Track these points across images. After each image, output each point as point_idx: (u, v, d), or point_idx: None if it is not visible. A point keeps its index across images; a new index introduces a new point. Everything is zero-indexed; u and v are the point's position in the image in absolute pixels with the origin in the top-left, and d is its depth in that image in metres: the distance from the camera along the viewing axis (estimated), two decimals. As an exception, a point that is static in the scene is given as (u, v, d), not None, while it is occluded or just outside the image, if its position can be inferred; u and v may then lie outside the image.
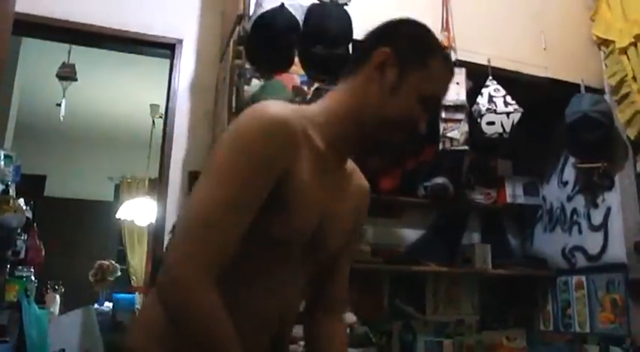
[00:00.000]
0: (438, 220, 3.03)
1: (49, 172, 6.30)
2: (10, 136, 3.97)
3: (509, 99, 2.49)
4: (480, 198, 2.97)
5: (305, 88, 2.24)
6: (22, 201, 3.29)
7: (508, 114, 2.45)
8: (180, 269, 0.89)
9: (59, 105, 4.47)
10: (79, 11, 2.78)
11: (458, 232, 3.08)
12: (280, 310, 1.09)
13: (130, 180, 7.58)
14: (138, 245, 7.49)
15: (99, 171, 7.30)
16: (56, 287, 4.97)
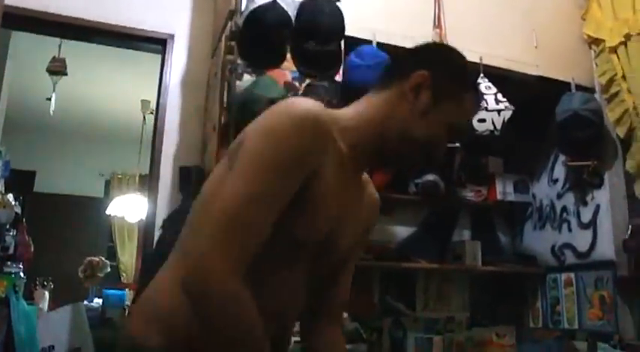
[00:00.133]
0: (428, 217, 3.04)
1: (38, 168, 6.24)
2: (-1, 131, 3.94)
3: (500, 96, 2.50)
4: (471, 195, 2.99)
5: (297, 83, 2.23)
6: (11, 197, 3.27)
7: (499, 111, 2.46)
8: (212, 264, 0.88)
9: (49, 99, 4.43)
10: (70, 5, 2.76)
11: (448, 229, 3.09)
12: (285, 311, 1.09)
13: (121, 176, 7.53)
14: (128, 241, 7.45)
15: (89, 167, 7.25)
16: (45, 284, 4.92)
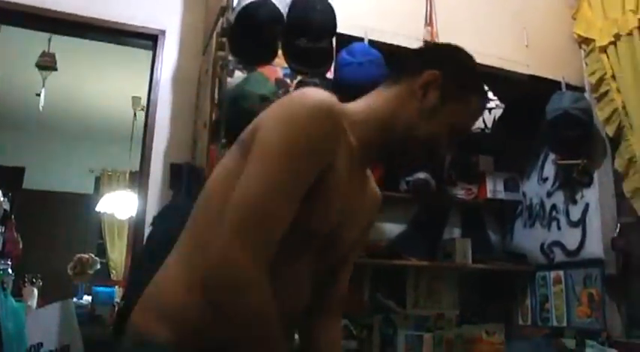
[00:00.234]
0: (419, 215, 3.05)
1: (27, 164, 6.18)
2: (-12, 127, 3.90)
3: (490, 95, 2.50)
4: (461, 193, 2.99)
5: (288, 80, 2.23)
6: (-1, 193, 3.24)
7: (490, 109, 2.47)
8: (236, 255, 0.88)
9: (39, 95, 4.40)
10: (60, 0, 2.73)
11: (439, 227, 3.09)
12: (295, 303, 1.08)
13: (111, 172, 7.50)
14: (118, 238, 7.42)
15: (79, 164, 7.20)
16: (34, 281, 4.89)
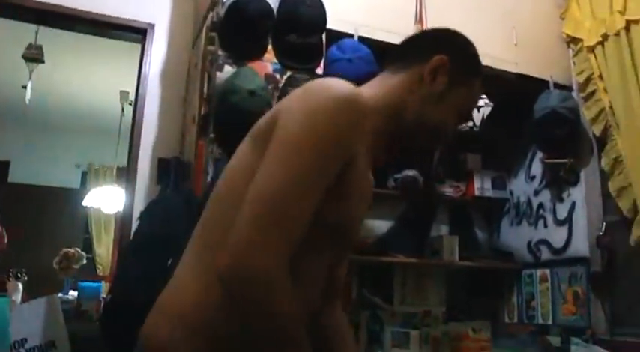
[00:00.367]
0: (407, 212, 3.05)
1: (13, 158, 6.14)
2: (-28, 119, 3.86)
3: (480, 93, 2.51)
4: (449, 191, 3.00)
5: (277, 75, 2.22)
6: (-16, 187, 3.20)
7: (478, 108, 2.48)
8: (255, 253, 0.83)
9: (25, 87, 4.35)
10: (46, -9, 2.71)
11: (427, 224, 3.10)
12: (313, 298, 1.05)
13: (98, 167, 7.44)
14: (104, 233, 7.36)
15: (66, 158, 7.14)
16: (19, 275, 4.85)
